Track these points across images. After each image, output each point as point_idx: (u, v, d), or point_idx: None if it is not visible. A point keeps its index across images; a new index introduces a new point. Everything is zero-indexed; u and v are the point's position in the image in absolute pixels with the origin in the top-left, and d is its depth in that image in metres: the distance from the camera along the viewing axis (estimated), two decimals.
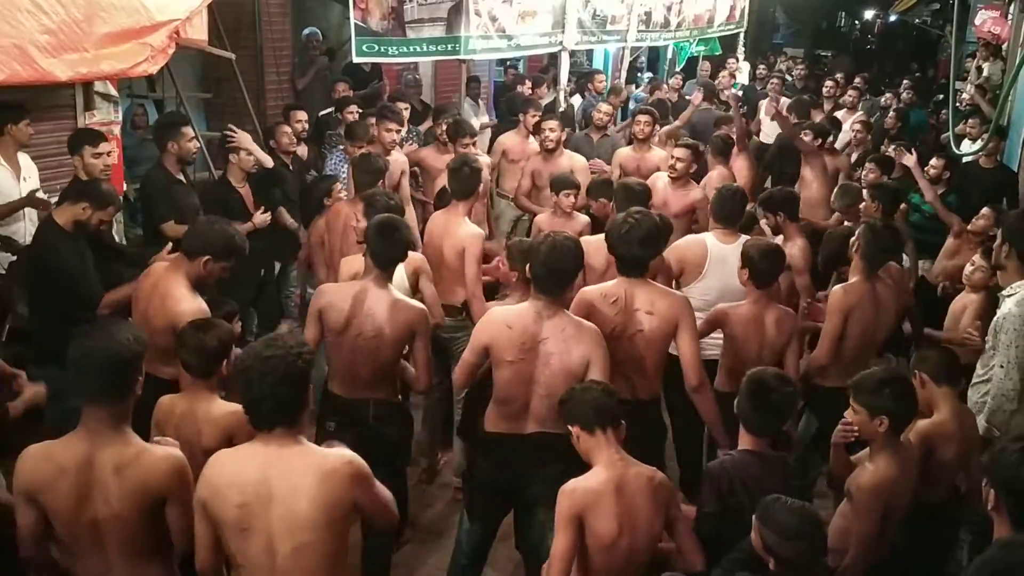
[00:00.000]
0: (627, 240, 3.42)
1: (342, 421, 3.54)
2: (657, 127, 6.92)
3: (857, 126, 7.66)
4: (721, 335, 4.01)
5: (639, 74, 11.50)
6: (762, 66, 12.08)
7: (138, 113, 6.89)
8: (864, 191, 5.39)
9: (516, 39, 7.43)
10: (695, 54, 12.54)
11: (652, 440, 3.61)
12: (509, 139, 6.82)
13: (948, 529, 3.45)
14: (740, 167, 6.54)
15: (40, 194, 4.58)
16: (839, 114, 9.02)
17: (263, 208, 5.23)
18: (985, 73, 9.74)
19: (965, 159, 7.10)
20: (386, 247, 3.48)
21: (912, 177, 6.33)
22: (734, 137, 6.67)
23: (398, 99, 7.19)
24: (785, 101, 9.38)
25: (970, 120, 7.76)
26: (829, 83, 10.46)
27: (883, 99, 10.37)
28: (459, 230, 4.42)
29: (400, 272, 3.88)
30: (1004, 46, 9.93)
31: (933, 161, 6.25)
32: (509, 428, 3.27)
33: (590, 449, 2.75)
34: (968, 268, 4.36)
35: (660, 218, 4.81)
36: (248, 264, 5.31)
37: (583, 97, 9.22)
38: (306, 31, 8.02)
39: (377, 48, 6.51)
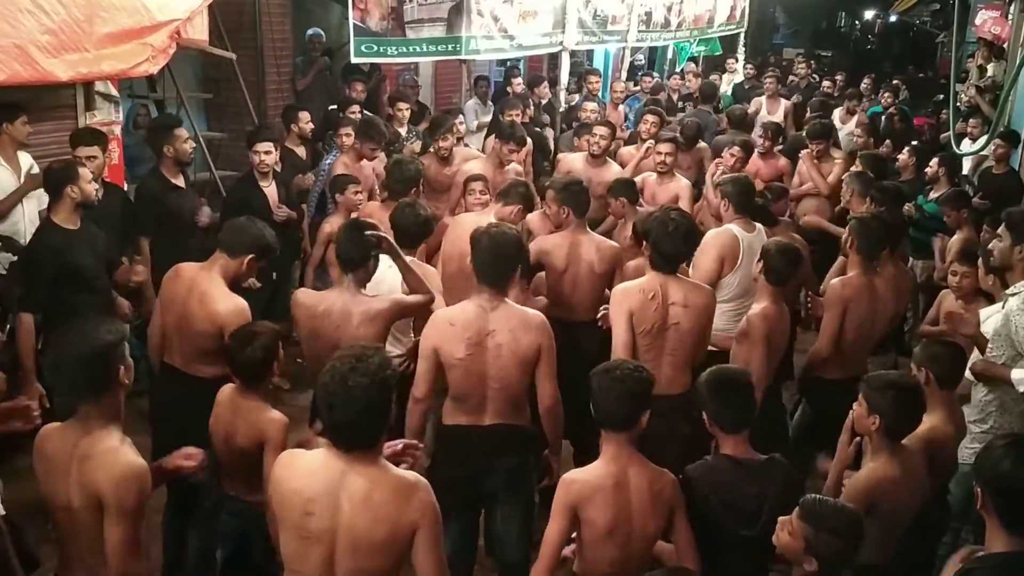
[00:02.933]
0: (673, 237, 3.51)
1: None
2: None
3: (858, 130, 7.65)
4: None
5: (637, 74, 11.48)
6: (749, 66, 12.03)
7: (141, 113, 6.87)
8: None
9: (517, 39, 7.42)
10: (695, 54, 12.54)
11: (688, 431, 3.59)
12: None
13: (943, 526, 3.47)
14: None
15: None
16: (837, 113, 9.03)
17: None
18: (990, 73, 9.72)
19: (966, 160, 7.11)
20: (346, 247, 3.47)
21: (917, 178, 6.35)
22: None
23: (399, 99, 7.20)
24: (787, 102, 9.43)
25: (971, 120, 7.76)
26: (827, 83, 10.46)
27: (881, 99, 10.35)
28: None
29: (394, 278, 3.85)
30: (1005, 46, 9.92)
31: (933, 161, 6.25)
32: (468, 420, 3.29)
33: (603, 442, 2.74)
34: (952, 279, 4.34)
35: None
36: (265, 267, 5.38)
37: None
38: (310, 32, 8.02)
39: (376, 48, 6.49)
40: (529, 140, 6.78)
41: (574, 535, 2.73)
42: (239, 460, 3.10)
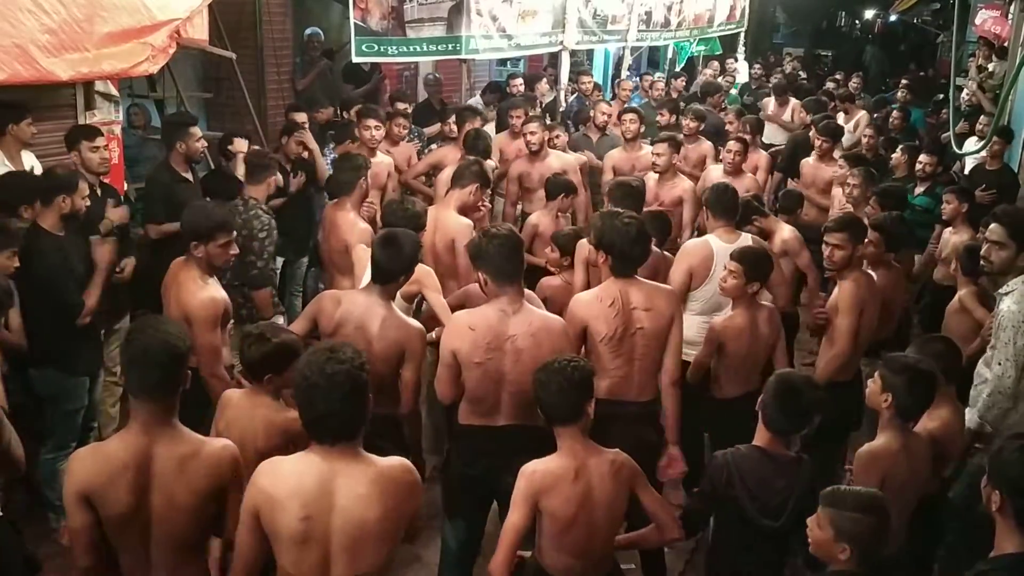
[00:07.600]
0: (633, 240, 3.42)
1: None
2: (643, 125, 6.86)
3: (869, 131, 7.64)
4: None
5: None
6: (757, 66, 12.05)
7: (134, 113, 6.88)
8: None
9: (516, 39, 7.42)
10: (695, 54, 12.54)
11: (656, 440, 3.61)
12: (502, 140, 6.80)
13: (940, 520, 3.48)
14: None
15: None
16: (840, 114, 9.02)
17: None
18: (990, 68, 9.71)
19: (968, 160, 7.10)
20: (384, 260, 3.36)
21: (910, 176, 6.36)
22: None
23: (398, 99, 7.20)
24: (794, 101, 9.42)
25: (982, 118, 7.76)
26: (830, 84, 10.45)
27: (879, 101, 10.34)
28: (448, 221, 4.41)
29: None
30: (1005, 45, 9.91)
31: (922, 157, 6.26)
32: (482, 421, 3.30)
33: (557, 438, 2.78)
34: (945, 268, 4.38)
35: (660, 215, 4.91)
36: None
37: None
38: (308, 31, 8.02)
39: (377, 48, 6.51)
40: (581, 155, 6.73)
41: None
42: (255, 462, 3.04)
